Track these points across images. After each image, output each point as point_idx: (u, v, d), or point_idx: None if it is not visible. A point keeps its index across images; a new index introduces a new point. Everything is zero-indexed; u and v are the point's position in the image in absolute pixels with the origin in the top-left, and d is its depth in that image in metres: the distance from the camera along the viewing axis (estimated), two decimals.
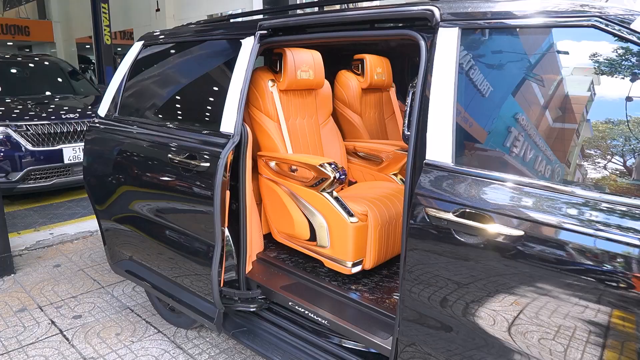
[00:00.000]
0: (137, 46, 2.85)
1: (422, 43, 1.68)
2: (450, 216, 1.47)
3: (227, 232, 2.30)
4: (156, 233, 2.48)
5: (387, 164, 2.89)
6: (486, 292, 1.43)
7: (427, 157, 1.58)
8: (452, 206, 1.48)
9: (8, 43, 17.39)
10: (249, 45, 2.17)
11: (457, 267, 1.48)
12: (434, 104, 1.58)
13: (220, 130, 2.15)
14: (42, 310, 3.05)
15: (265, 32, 2.17)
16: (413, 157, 1.64)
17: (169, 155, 2.27)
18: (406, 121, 1.78)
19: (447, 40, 1.58)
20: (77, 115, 5.47)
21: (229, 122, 2.12)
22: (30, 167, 5.06)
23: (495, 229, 1.39)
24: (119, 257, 2.82)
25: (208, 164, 2.10)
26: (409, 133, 1.69)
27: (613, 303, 1.21)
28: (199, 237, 2.22)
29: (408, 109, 1.78)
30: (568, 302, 1.27)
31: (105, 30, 8.60)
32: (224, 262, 2.24)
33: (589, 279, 1.24)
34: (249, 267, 2.40)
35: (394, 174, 2.87)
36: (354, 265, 2.23)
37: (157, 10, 9.15)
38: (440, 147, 1.55)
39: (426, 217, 1.53)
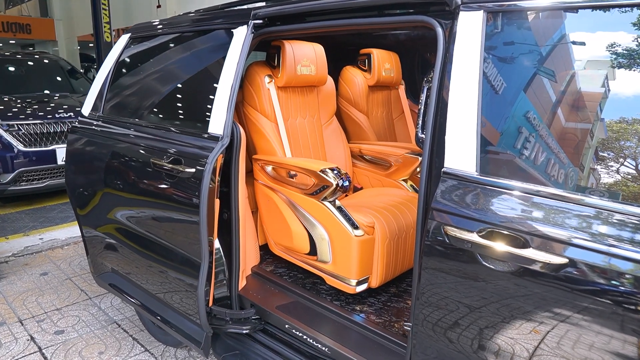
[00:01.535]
0: (123, 39, 2.62)
1: (439, 30, 1.43)
2: (474, 237, 1.22)
3: (217, 245, 2.06)
4: (139, 245, 2.24)
5: (396, 168, 2.63)
6: (512, 325, 1.18)
7: (445, 165, 1.33)
8: (476, 225, 1.23)
9: (10, 41, 17.27)
10: (241, 36, 1.93)
11: (482, 294, 1.23)
12: (454, 101, 1.33)
13: (209, 131, 1.91)
14: (22, 325, 2.83)
15: (260, 21, 1.93)
16: (428, 165, 1.39)
17: (152, 160, 2.04)
18: (420, 122, 1.53)
19: (470, 26, 1.33)
20: (73, 114, 5.26)
21: (217, 122, 1.88)
22: (22, 169, 4.86)
23: (530, 254, 1.14)
24: (101, 269, 2.59)
25: (194, 170, 1.86)
26: (423, 136, 1.45)
27: None
28: (184, 251, 1.98)
29: (422, 107, 1.53)
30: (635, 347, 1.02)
31: (105, 27, 8.41)
32: (213, 278, 2.00)
33: None
34: (242, 283, 2.16)
35: (403, 180, 2.62)
36: (359, 283, 1.98)
37: (159, 6, 8.94)
38: (461, 153, 1.30)
39: (445, 237, 1.28)
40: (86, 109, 2.65)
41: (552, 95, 1.23)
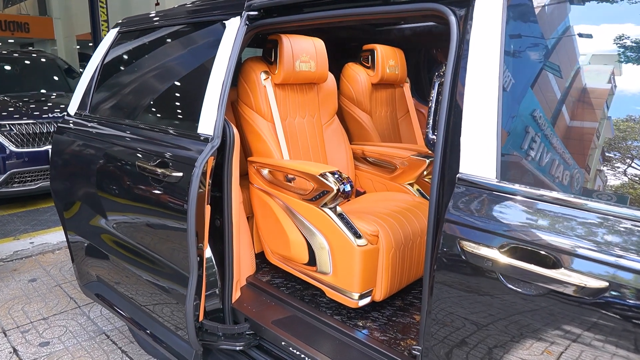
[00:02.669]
0: (111, 34, 2.47)
1: (453, 19, 1.28)
2: (494, 253, 1.06)
3: (209, 253, 1.91)
4: (125, 253, 2.09)
5: (401, 171, 2.47)
6: (533, 351, 1.03)
7: (460, 170, 1.17)
8: (497, 239, 1.07)
9: (9, 40, 17.15)
10: (234, 28, 1.78)
11: (503, 315, 1.08)
12: (470, 98, 1.17)
13: (198, 131, 1.75)
14: (5, 336, 2.68)
15: (255, 12, 1.78)
16: (441, 170, 1.24)
17: (138, 162, 1.89)
18: (430, 121, 1.37)
19: (488, 13, 1.18)
20: None
21: (208, 121, 1.73)
22: (14, 170, 4.72)
23: (560, 275, 0.98)
24: (87, 277, 2.44)
25: (181, 174, 1.71)
26: (434, 137, 1.30)
27: None
28: (170, 262, 1.82)
29: (433, 105, 1.37)
30: None
31: (103, 25, 8.27)
32: (204, 290, 1.85)
33: None
34: (236, 295, 2.01)
35: (409, 184, 2.46)
36: (362, 297, 1.83)
37: (157, 4, 8.81)
38: (479, 157, 1.14)
39: (460, 253, 1.13)
40: (72, 108, 2.50)
41: (593, 88, 1.08)
